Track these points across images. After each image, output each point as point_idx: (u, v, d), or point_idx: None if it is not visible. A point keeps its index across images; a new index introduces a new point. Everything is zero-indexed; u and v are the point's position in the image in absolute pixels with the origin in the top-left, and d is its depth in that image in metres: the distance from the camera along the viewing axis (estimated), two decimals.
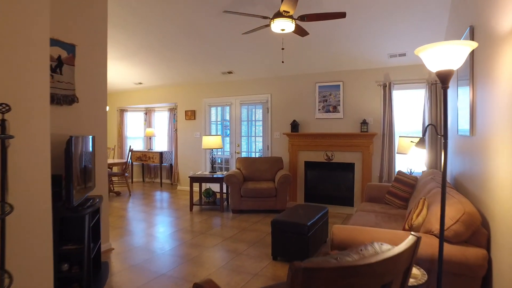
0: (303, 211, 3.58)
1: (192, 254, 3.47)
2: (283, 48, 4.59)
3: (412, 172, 4.34)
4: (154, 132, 8.16)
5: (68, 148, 2.38)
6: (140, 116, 8.63)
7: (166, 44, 5.22)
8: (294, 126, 5.79)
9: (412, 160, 1.92)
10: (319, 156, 5.65)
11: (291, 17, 3.23)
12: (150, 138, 8.38)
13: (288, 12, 3.11)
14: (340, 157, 5.49)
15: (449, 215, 1.95)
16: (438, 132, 1.80)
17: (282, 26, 3.27)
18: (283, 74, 6.00)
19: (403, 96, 5.17)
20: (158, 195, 6.83)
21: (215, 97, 6.85)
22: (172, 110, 7.99)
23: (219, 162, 7.04)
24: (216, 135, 5.77)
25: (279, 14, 3.20)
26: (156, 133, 8.29)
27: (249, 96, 6.47)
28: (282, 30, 3.33)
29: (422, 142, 1.81)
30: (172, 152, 7.87)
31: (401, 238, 2.02)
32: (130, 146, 7.09)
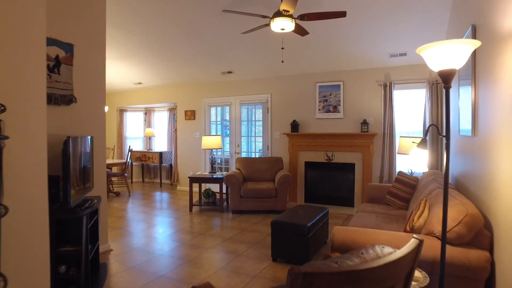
0: (303, 212, 3.56)
1: (192, 255, 3.45)
2: (283, 48, 4.57)
3: (413, 172, 4.32)
4: (153, 132, 8.14)
5: (65, 149, 2.35)
6: (139, 116, 8.61)
7: (166, 44, 5.19)
8: (294, 126, 5.76)
9: (414, 161, 1.89)
10: (319, 156, 5.63)
11: (291, 16, 3.20)
12: (150, 138, 8.36)
13: (288, 11, 3.09)
14: (340, 157, 5.47)
15: (451, 216, 1.92)
16: (440, 132, 1.77)
17: (282, 25, 3.24)
18: (283, 74, 5.97)
19: (403, 96, 5.14)
20: (158, 195, 6.80)
21: (215, 97, 6.83)
22: (171, 110, 7.96)
23: (219, 162, 7.02)
24: (216, 135, 5.75)
25: (279, 13, 3.17)
26: (155, 133, 8.27)
27: (249, 96, 6.44)
28: (282, 29, 3.30)
29: (424, 143, 1.78)
30: (172, 152, 7.85)
31: (402, 240, 2.00)
32: (129, 146, 7.06)
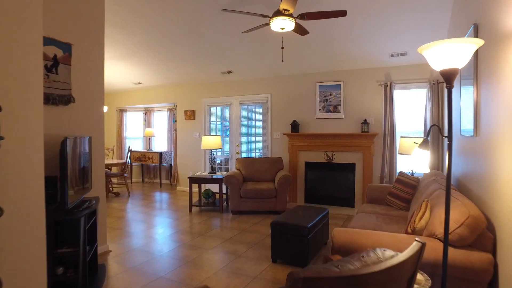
0: (303, 213, 3.53)
1: (191, 256, 3.42)
2: (282, 47, 4.54)
3: (413, 173, 4.29)
4: (153, 132, 8.11)
5: (62, 149, 2.33)
6: (139, 116, 8.58)
7: (166, 44, 5.17)
8: (294, 126, 5.74)
9: (415, 162, 1.86)
10: (319, 157, 5.60)
11: (290, 15, 3.18)
12: (150, 138, 8.34)
13: (288, 10, 3.06)
14: (340, 157, 5.44)
15: (453, 218, 1.90)
16: (442, 133, 1.75)
17: (282, 24, 3.21)
18: (283, 73, 5.94)
19: (404, 96, 5.11)
20: (158, 195, 6.78)
21: (215, 97, 6.80)
22: (171, 110, 7.94)
23: (219, 162, 6.99)
24: (216, 135, 5.72)
25: (278, 13, 3.15)
26: (155, 133, 8.24)
27: (249, 96, 6.42)
28: (282, 29, 3.28)
29: (426, 143, 1.76)
30: (172, 153, 7.83)
31: (403, 242, 1.97)
32: (129, 147, 7.04)
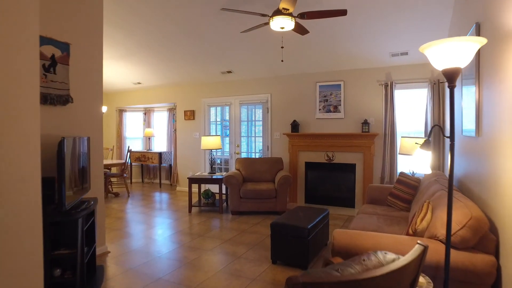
0: (303, 214, 3.51)
1: (190, 257, 3.40)
2: (282, 47, 4.52)
3: (414, 173, 4.26)
4: (153, 133, 8.09)
5: (60, 150, 2.30)
6: (139, 116, 8.56)
7: (165, 44, 5.15)
8: (294, 126, 5.71)
9: (416, 163, 1.83)
10: (319, 157, 5.58)
11: (290, 14, 3.15)
12: (149, 139, 8.32)
13: (288, 9, 3.03)
14: (341, 157, 5.42)
15: (455, 220, 1.87)
16: (443, 133, 1.72)
17: (282, 24, 3.19)
18: (283, 73, 5.92)
19: (405, 95, 5.09)
20: (157, 196, 6.76)
21: (215, 97, 6.78)
22: (171, 110, 7.92)
23: (219, 162, 6.97)
24: (215, 135, 5.70)
25: (278, 12, 3.12)
26: (155, 133, 8.22)
27: (248, 96, 6.39)
28: (282, 28, 3.25)
29: (428, 144, 1.73)
30: (172, 153, 7.80)
31: (405, 244, 1.95)
32: (128, 147, 7.01)
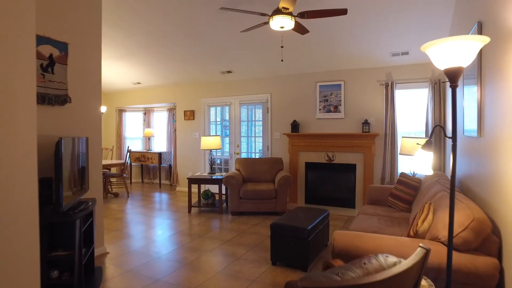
0: (303, 214, 3.48)
1: (190, 258, 3.37)
2: (282, 46, 4.49)
3: (415, 174, 4.23)
4: (153, 133, 8.06)
5: (57, 150, 2.28)
6: (139, 116, 8.54)
7: (165, 43, 5.12)
8: (295, 126, 5.68)
9: (418, 164, 1.80)
10: (320, 157, 5.55)
11: (290, 14, 3.13)
12: (149, 139, 8.29)
13: (288, 8, 3.01)
14: (341, 158, 5.39)
15: (457, 221, 1.85)
16: (445, 133, 1.69)
17: (281, 23, 3.16)
18: (283, 73, 5.89)
19: (405, 95, 5.06)
20: (157, 196, 6.73)
21: (214, 97, 6.75)
22: (171, 110, 7.89)
23: (219, 163, 6.94)
24: (215, 135, 5.67)
25: (278, 11, 3.10)
26: (155, 133, 8.20)
27: (248, 96, 6.37)
28: (281, 27, 3.22)
29: (429, 145, 1.70)
30: (171, 153, 7.78)
31: (406, 246, 1.92)
32: (128, 147, 6.99)
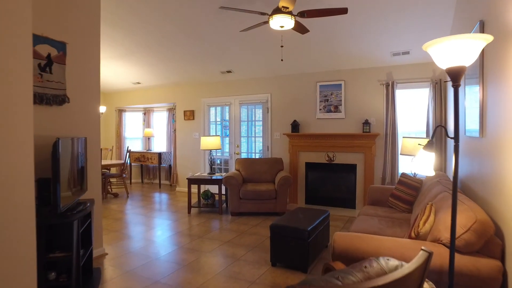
0: (303, 215, 3.46)
1: (189, 260, 3.35)
2: (282, 46, 4.46)
3: (416, 175, 4.21)
4: (152, 133, 8.04)
5: (54, 151, 2.26)
6: (138, 116, 8.52)
7: (165, 43, 5.10)
8: (295, 126, 5.66)
9: (419, 164, 1.78)
10: (320, 157, 5.53)
11: (290, 13, 3.10)
12: (149, 139, 8.27)
13: (288, 8, 2.98)
14: (341, 158, 5.36)
15: (459, 223, 1.82)
16: (447, 134, 1.67)
17: (281, 22, 3.14)
18: (283, 73, 5.87)
19: (406, 95, 5.03)
20: (157, 196, 6.71)
21: (214, 97, 6.73)
22: (171, 110, 7.87)
23: (218, 163, 6.92)
24: (215, 135, 5.65)
25: (278, 10, 3.07)
26: (154, 133, 8.18)
27: (248, 96, 6.34)
28: (281, 27, 3.20)
29: (431, 145, 1.68)
30: (171, 153, 7.76)
31: (407, 248, 1.90)
32: (128, 147, 6.97)
